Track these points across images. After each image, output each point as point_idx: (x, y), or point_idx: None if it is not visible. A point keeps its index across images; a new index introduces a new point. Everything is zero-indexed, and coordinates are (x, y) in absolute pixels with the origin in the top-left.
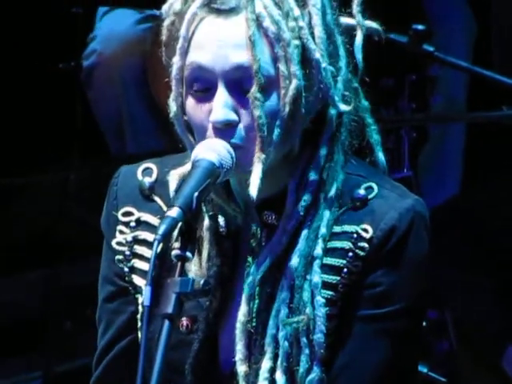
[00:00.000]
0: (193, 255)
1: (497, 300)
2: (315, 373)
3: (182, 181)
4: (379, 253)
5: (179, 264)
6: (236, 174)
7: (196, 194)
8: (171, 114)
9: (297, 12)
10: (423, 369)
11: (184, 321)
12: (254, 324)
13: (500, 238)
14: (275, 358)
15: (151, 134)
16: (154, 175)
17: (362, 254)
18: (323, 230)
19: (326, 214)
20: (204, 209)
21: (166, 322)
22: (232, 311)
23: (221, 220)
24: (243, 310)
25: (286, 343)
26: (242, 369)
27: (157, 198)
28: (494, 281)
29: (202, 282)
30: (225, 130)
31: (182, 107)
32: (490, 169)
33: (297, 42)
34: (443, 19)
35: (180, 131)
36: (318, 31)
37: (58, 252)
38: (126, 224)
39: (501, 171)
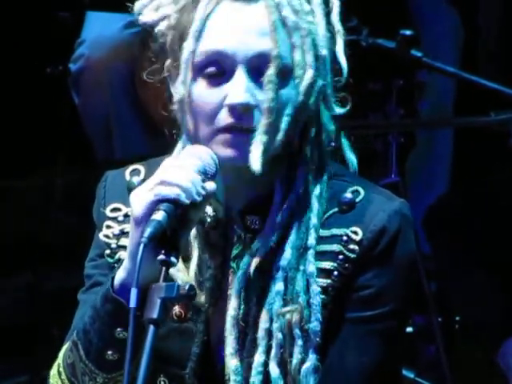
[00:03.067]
0: (177, 260)
1: (493, 297)
2: (311, 361)
3: None
4: (369, 255)
5: (163, 269)
6: (223, 176)
7: None
8: (176, 98)
9: (307, 7)
10: (410, 374)
11: (177, 309)
12: (243, 316)
13: (492, 238)
14: (268, 351)
15: (139, 139)
16: (142, 175)
17: (352, 256)
18: (314, 221)
19: (316, 206)
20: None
21: (151, 327)
22: (223, 313)
23: (209, 211)
24: (233, 303)
25: (280, 335)
26: (232, 363)
27: None
28: (489, 277)
29: (187, 286)
30: (243, 113)
31: (187, 92)
32: (478, 174)
33: (311, 35)
34: (431, 25)
35: (182, 116)
36: (322, 29)
37: (44, 257)
38: (114, 219)
39: (488, 176)
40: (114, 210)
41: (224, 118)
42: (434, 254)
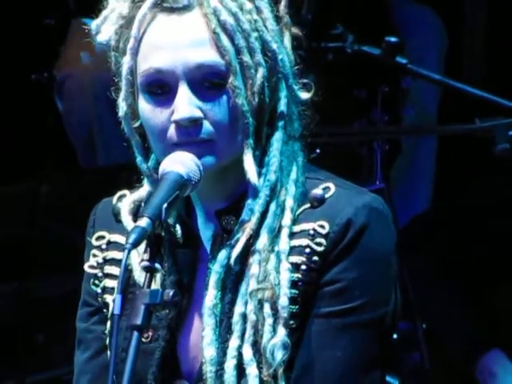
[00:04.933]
0: (161, 266)
1: (470, 309)
2: (279, 337)
3: (150, 194)
4: (336, 248)
5: (147, 275)
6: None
7: (165, 205)
8: (120, 114)
9: (249, 5)
10: (395, 381)
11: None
12: (219, 305)
13: (474, 248)
14: (243, 336)
15: (122, 146)
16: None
17: (319, 249)
18: (290, 202)
19: (292, 189)
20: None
21: (135, 334)
22: (190, 319)
23: (178, 229)
24: (211, 294)
25: (254, 317)
26: (209, 353)
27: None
28: (468, 289)
29: (171, 293)
30: (189, 127)
31: (131, 107)
32: (462, 181)
33: (254, 33)
34: (415, 32)
35: (128, 131)
36: (270, 24)
37: (30, 264)
38: (98, 247)
39: (472, 182)
40: (99, 238)
41: (174, 135)
42: (410, 266)
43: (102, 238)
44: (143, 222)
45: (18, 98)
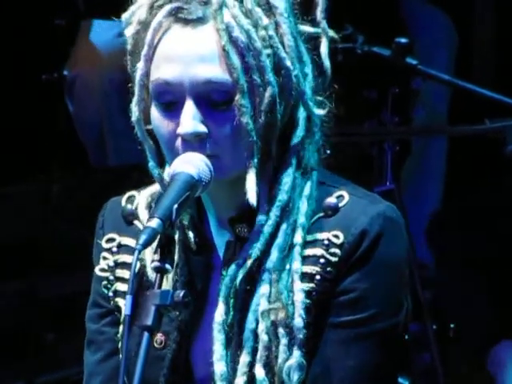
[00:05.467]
0: (172, 267)
1: (486, 302)
2: (295, 358)
3: (160, 194)
4: (351, 258)
5: (158, 276)
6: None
7: (176, 206)
8: (133, 118)
9: (265, 21)
10: (405, 382)
11: (159, 336)
12: (230, 321)
13: (486, 248)
14: (253, 352)
15: (132, 146)
16: (136, 202)
17: (334, 259)
18: (302, 220)
19: (304, 206)
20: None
21: (146, 334)
22: (204, 324)
23: (191, 235)
24: (220, 309)
25: (266, 337)
26: (219, 368)
27: (137, 223)
28: (486, 283)
29: (181, 294)
30: (194, 143)
31: (144, 112)
32: (472, 182)
33: (268, 50)
34: (425, 32)
35: (141, 135)
36: (287, 39)
37: (40, 263)
38: (109, 250)
39: (482, 183)
40: (109, 240)
41: (180, 147)
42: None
43: (113, 240)
44: (153, 222)
45: (28, 99)
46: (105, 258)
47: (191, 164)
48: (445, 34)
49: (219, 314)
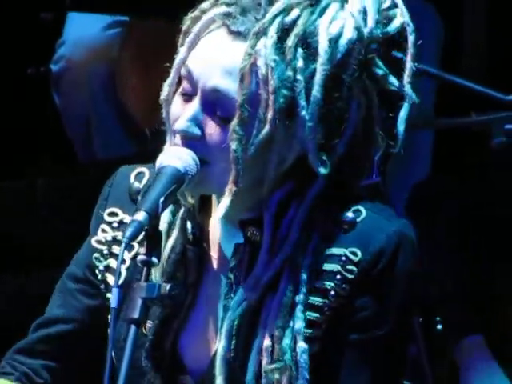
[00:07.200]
0: (159, 260)
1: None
2: None
3: (148, 186)
4: (367, 276)
5: (145, 269)
6: (201, 190)
7: (162, 199)
8: (161, 97)
9: (300, 64)
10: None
11: (148, 323)
12: (233, 354)
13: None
14: None
15: (119, 140)
16: (145, 180)
17: (350, 277)
18: (304, 277)
19: (308, 262)
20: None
21: (132, 327)
22: (193, 318)
23: (189, 225)
24: (223, 343)
25: None
26: None
27: None
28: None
29: (168, 287)
30: (186, 140)
31: (173, 94)
32: (458, 174)
33: (285, 91)
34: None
35: (165, 115)
36: (316, 90)
37: (29, 259)
38: (110, 224)
39: (468, 176)
40: (111, 214)
41: (176, 138)
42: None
43: (115, 215)
44: (140, 215)
45: (14, 93)
46: (104, 231)
47: (177, 157)
48: (431, 27)
49: (221, 347)
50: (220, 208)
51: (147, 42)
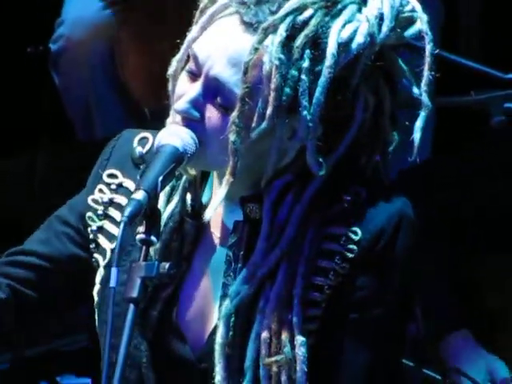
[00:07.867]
0: (157, 239)
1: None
2: None
3: (146, 166)
4: (367, 255)
5: (144, 248)
6: (199, 167)
7: (161, 178)
8: (169, 72)
9: (306, 64)
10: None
11: None
12: (230, 341)
13: (462, 208)
14: (254, 380)
15: (120, 119)
16: (148, 146)
17: (350, 256)
18: (302, 269)
19: (306, 252)
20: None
21: (131, 306)
22: (189, 288)
23: (188, 198)
24: (222, 331)
25: (267, 381)
26: None
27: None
28: (452, 254)
29: (167, 266)
30: (186, 121)
31: (180, 70)
32: (458, 153)
33: (289, 90)
34: None
35: (171, 89)
36: (319, 92)
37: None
38: (108, 185)
39: (467, 155)
40: (111, 175)
41: (177, 116)
42: None
43: (115, 177)
44: (139, 194)
45: (13, 71)
46: (101, 191)
47: (176, 136)
48: (434, 13)
49: (220, 335)
50: (218, 196)
51: (146, 21)
